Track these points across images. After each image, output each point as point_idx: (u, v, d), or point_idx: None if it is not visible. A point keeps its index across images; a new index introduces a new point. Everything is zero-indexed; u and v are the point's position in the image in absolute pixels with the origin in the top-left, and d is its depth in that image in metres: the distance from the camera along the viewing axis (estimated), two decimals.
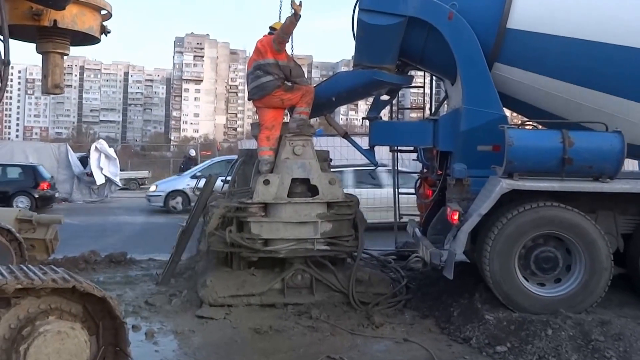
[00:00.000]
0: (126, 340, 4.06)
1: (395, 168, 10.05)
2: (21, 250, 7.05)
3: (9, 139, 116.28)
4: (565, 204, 6.81)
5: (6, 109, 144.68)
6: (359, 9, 7.77)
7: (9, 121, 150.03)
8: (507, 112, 8.09)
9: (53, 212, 19.06)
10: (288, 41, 8.23)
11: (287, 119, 8.74)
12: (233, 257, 8.02)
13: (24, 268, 4.02)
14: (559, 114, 7.69)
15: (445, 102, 9.47)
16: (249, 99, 8.52)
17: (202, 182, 9.94)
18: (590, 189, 6.90)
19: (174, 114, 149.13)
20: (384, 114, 9.67)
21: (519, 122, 9.19)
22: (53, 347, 3.68)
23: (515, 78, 7.67)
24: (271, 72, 8.02)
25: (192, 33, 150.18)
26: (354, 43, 8.16)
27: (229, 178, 9.87)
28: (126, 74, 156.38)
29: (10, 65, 4.61)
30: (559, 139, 6.72)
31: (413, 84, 9.47)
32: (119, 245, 12.50)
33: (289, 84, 8.13)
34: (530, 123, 8.36)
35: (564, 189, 6.81)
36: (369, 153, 8.85)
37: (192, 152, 30.77)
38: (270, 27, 8.58)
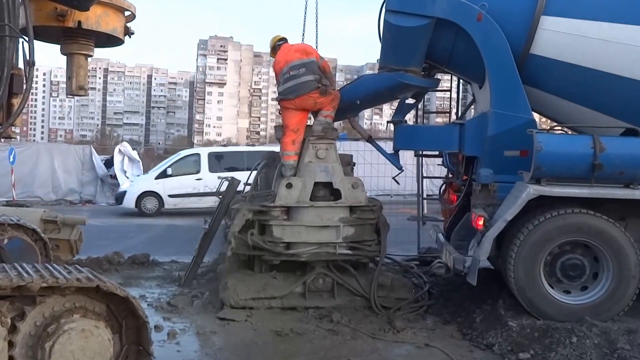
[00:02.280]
0: (149, 340, 4.10)
1: (420, 173, 10.04)
2: (46, 250, 7.13)
3: (34, 140, 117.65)
4: (594, 210, 6.74)
5: (31, 111, 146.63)
6: (386, 10, 7.74)
7: (34, 123, 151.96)
8: (536, 116, 7.99)
9: (77, 214, 19.23)
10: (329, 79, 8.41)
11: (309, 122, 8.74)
12: (255, 260, 8.07)
13: (49, 267, 4.08)
14: (617, 70, 7.25)
15: (472, 106, 9.43)
16: (279, 99, 8.47)
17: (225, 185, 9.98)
18: (620, 196, 6.81)
19: (197, 117, 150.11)
20: (409, 118, 9.67)
21: (548, 127, 9.12)
22: (77, 344, 3.74)
23: (565, 30, 7.33)
24: (315, 72, 8.08)
25: (216, 35, 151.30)
26: (379, 45, 8.17)
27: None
28: (150, 76, 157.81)
29: (35, 66, 4.68)
30: (589, 145, 6.65)
31: (439, 88, 9.44)
32: (142, 246, 12.58)
33: (324, 87, 8.15)
34: (559, 128, 8.28)
35: (594, 196, 6.74)
36: (394, 157, 8.83)
37: None
38: (279, 40, 8.64)
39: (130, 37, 6.01)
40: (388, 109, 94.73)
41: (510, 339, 6.37)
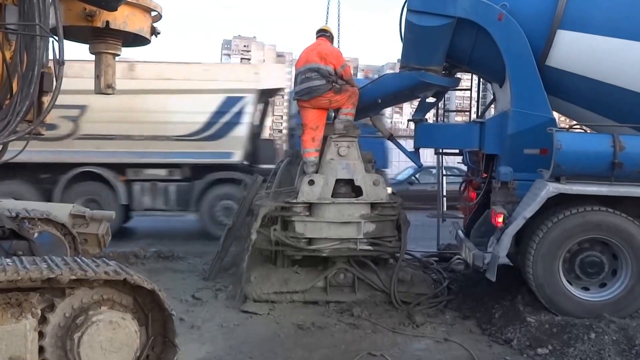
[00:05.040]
0: (174, 332, 4.11)
1: (441, 170, 10.00)
2: (75, 244, 7.16)
3: None
4: (613, 208, 6.68)
5: None
6: (407, 10, 7.69)
7: None
8: (555, 115, 7.91)
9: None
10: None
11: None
12: (277, 255, 8.08)
13: (78, 260, 4.10)
14: None
15: (492, 105, 9.36)
16: (294, 99, 8.53)
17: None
18: None
19: None
20: (429, 117, 9.62)
21: (567, 125, 9.04)
22: (105, 335, 3.75)
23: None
24: (326, 77, 8.06)
25: (240, 35, 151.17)
26: (400, 45, 8.13)
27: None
28: None
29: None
30: (609, 143, 6.59)
31: (459, 87, 9.39)
32: (167, 241, 12.67)
33: (338, 85, 8.13)
34: (579, 126, 8.21)
35: (613, 194, 6.68)
36: (414, 155, 8.81)
37: None
38: (321, 30, 8.63)
39: (156, 36, 6.01)
40: (408, 108, 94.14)
41: (528, 334, 6.34)
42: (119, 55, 5.91)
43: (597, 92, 7.31)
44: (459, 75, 8.91)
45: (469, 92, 9.93)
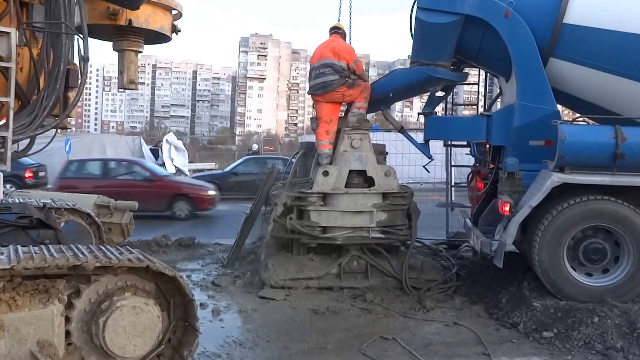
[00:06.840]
0: (195, 317, 4.12)
1: (449, 162, 9.95)
2: (99, 233, 7.19)
3: (87, 132, 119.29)
4: (615, 197, 6.64)
5: (85, 104, 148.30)
6: (417, 8, 7.67)
7: (88, 115, 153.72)
8: (559, 107, 7.84)
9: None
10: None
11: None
12: (293, 243, 8.09)
13: (103, 248, 4.12)
14: None
15: (499, 98, 9.30)
16: (309, 93, 8.52)
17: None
18: None
19: (239, 110, 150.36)
20: (438, 110, 9.56)
21: (571, 118, 8.96)
22: (129, 320, 3.77)
23: None
24: (339, 72, 8.03)
25: (257, 33, 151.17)
26: (410, 41, 8.09)
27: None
28: (195, 72, 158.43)
29: (89, 62, 4.72)
30: (611, 134, 6.54)
31: (467, 81, 9.33)
32: (187, 230, 12.71)
33: (351, 80, 8.09)
34: (582, 119, 8.14)
35: (615, 183, 6.63)
36: (424, 147, 8.77)
37: (255, 147, 31.10)
38: (334, 28, 8.60)
39: (177, 34, 6.01)
40: (418, 102, 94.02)
41: (534, 318, 6.32)
42: (141, 52, 5.93)
43: (619, 45, 7.09)
44: (466, 70, 8.86)
45: (476, 86, 9.87)
